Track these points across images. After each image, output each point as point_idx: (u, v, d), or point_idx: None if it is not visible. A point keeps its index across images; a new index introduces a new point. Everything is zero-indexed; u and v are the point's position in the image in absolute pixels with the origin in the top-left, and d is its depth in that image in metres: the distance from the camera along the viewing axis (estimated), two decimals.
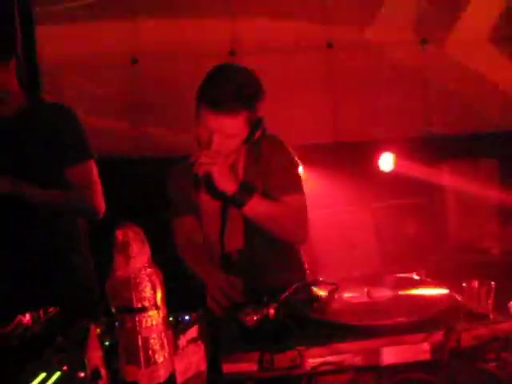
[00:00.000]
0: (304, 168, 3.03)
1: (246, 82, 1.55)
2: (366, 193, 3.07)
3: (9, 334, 1.42)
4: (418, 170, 3.08)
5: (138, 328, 1.04)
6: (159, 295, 1.05)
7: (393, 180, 3.11)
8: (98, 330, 1.23)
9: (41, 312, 1.49)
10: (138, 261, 1.04)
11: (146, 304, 1.04)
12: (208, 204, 1.67)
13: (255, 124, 1.60)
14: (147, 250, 1.05)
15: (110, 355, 1.14)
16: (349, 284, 1.46)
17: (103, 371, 1.07)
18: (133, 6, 3.08)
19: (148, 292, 1.04)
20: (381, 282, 1.49)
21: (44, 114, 1.98)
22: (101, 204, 1.98)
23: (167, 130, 3.04)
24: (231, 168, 1.61)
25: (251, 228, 1.61)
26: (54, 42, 3.06)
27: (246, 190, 1.56)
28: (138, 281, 1.03)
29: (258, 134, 1.62)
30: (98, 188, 1.98)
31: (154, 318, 1.05)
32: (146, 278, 1.04)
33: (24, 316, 1.47)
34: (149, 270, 1.04)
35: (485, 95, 3.21)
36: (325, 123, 3.17)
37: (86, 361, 1.08)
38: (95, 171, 1.99)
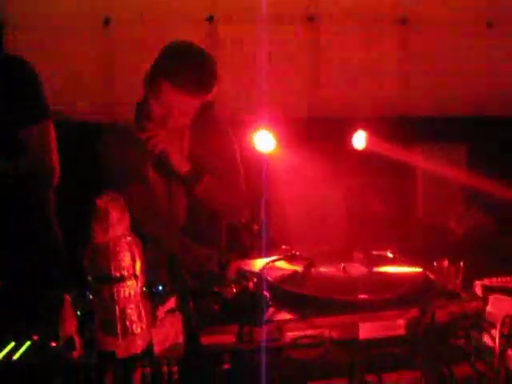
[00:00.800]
0: (277, 141, 3.04)
1: (209, 63, 1.58)
2: (337, 170, 3.08)
3: None
4: (390, 150, 3.10)
5: (115, 298, 1.01)
6: (138, 265, 1.02)
7: (365, 158, 3.13)
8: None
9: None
10: (117, 229, 1.00)
11: (125, 273, 1.01)
12: (155, 179, 1.68)
13: (205, 106, 1.65)
14: (127, 219, 1.02)
15: (82, 325, 1.12)
16: (324, 259, 1.47)
17: (77, 341, 1.04)
18: None
19: (127, 261, 1.01)
20: (355, 258, 1.50)
21: None
22: (56, 167, 1.87)
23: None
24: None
25: (193, 204, 1.68)
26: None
27: (198, 170, 1.61)
28: (117, 249, 1.00)
29: (205, 114, 1.67)
30: (54, 150, 1.87)
31: (132, 287, 1.02)
32: (126, 247, 1.01)
33: None
34: (128, 238, 1.02)
35: (462, 80, 3.25)
36: (300, 97, 3.15)
37: (59, 330, 1.05)
38: (52, 132, 1.86)
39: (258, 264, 1.45)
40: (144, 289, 1.08)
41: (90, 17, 2.94)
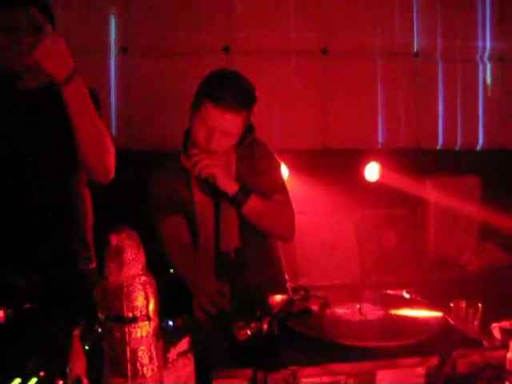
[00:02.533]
0: (289, 172, 3.03)
1: (247, 84, 1.66)
2: (349, 201, 3.05)
3: None
4: (402, 182, 3.08)
5: (126, 339, 0.98)
6: (152, 306, 0.99)
7: (377, 190, 3.11)
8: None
9: (15, 309, 1.41)
10: (131, 268, 0.98)
11: (137, 314, 0.98)
12: (203, 204, 1.69)
13: (248, 128, 1.70)
14: (142, 257, 1.00)
15: (90, 361, 1.08)
16: (338, 298, 1.43)
17: (85, 382, 1.01)
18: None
19: (140, 302, 0.98)
20: (371, 298, 1.46)
21: None
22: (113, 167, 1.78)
23: (153, 124, 2.97)
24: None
25: (245, 226, 1.68)
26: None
27: (245, 190, 1.62)
28: (130, 289, 0.97)
29: (248, 137, 1.72)
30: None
31: (144, 329, 0.99)
32: (139, 287, 0.98)
33: None
34: (143, 278, 0.99)
35: (473, 113, 3.25)
36: (314, 129, 3.14)
37: (67, 369, 1.01)
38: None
39: (271, 301, 1.41)
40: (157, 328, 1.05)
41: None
